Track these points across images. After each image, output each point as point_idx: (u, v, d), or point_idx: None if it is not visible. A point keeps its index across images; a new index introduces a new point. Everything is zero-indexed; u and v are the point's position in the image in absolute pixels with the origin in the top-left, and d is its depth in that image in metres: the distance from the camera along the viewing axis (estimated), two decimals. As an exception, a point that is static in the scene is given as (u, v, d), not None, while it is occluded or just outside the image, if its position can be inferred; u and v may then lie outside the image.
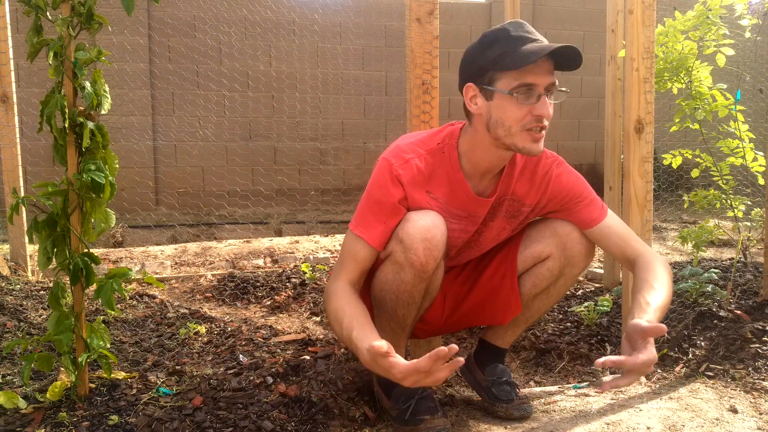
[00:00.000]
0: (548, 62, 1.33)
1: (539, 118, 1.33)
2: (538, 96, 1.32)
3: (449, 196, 1.47)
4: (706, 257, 3.37)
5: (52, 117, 1.46)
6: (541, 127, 1.35)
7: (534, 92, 1.32)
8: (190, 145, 5.87)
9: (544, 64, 1.32)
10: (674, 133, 3.01)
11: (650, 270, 1.43)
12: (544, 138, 1.38)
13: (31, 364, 1.53)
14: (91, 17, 1.49)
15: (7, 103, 2.91)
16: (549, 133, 1.43)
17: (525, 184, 1.52)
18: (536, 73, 1.31)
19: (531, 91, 1.32)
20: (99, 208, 1.54)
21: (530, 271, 1.61)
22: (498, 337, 1.73)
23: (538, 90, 1.32)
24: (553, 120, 1.46)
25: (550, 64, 1.33)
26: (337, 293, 1.38)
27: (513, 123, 1.34)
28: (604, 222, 1.52)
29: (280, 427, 1.49)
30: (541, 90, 1.32)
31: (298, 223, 5.35)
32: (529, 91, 1.32)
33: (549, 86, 1.33)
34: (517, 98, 1.32)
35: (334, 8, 6.10)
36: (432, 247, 1.38)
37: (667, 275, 1.44)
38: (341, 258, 1.46)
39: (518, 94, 1.32)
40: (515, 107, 1.33)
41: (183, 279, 3.18)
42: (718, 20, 2.51)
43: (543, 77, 1.32)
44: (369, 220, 1.42)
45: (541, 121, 1.33)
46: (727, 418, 1.53)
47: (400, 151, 1.46)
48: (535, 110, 1.33)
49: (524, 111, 1.33)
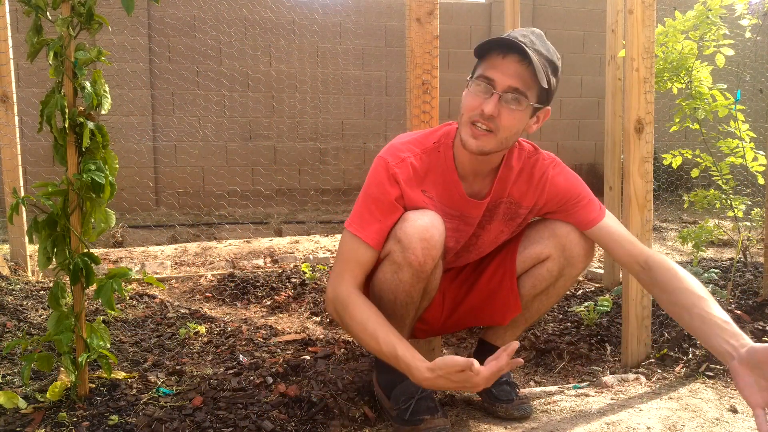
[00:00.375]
0: (520, 66, 1.30)
1: (482, 113, 1.32)
2: (491, 93, 1.32)
3: (443, 195, 1.47)
4: (706, 257, 3.37)
5: (52, 117, 1.46)
6: (486, 127, 1.33)
7: (490, 88, 1.32)
8: (190, 145, 5.87)
9: (513, 64, 1.30)
10: (674, 133, 3.01)
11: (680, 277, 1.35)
12: (488, 139, 1.35)
13: (31, 364, 1.53)
14: (91, 17, 1.49)
15: (7, 103, 2.91)
16: (549, 133, 1.43)
17: (522, 186, 1.51)
18: (498, 71, 1.31)
19: (489, 85, 1.32)
20: (99, 208, 1.54)
21: (529, 272, 1.60)
22: (497, 338, 1.73)
23: (495, 87, 1.32)
24: (553, 120, 1.46)
25: (522, 70, 1.31)
26: (353, 302, 1.37)
27: (464, 111, 1.37)
28: (602, 222, 1.52)
29: (280, 427, 1.49)
30: (498, 88, 1.32)
31: (298, 223, 5.35)
32: (486, 84, 1.33)
33: (512, 89, 1.31)
34: (472, 88, 1.35)
35: (334, 8, 6.10)
36: (430, 247, 1.37)
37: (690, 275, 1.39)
38: (341, 259, 1.45)
39: (475, 84, 1.34)
40: (469, 97, 1.36)
41: (183, 279, 3.18)
42: (718, 20, 2.51)
43: (504, 77, 1.31)
44: (365, 218, 1.42)
45: (483, 116, 1.32)
46: (727, 418, 1.53)
47: (396, 149, 1.46)
48: (482, 104, 1.33)
49: (475, 102, 1.34)
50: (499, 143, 1.37)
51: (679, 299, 1.33)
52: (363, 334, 1.35)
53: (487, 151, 1.37)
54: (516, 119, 1.34)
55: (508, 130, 1.35)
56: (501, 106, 1.32)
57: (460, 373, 1.22)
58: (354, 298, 1.38)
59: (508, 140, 1.38)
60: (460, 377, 1.22)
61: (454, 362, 1.21)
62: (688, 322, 1.30)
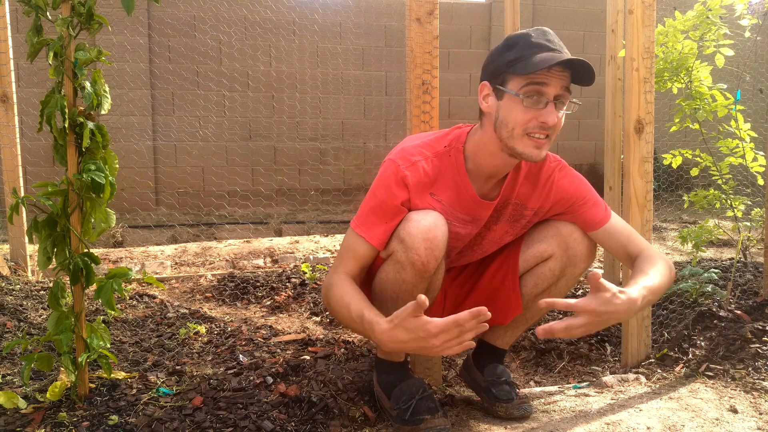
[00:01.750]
0: (563, 72, 1.32)
1: (543, 124, 1.33)
2: (546, 102, 1.32)
3: (454, 199, 1.47)
4: (706, 257, 3.37)
5: (52, 117, 1.46)
6: (545, 135, 1.35)
7: (542, 98, 1.32)
8: (190, 145, 5.87)
9: (558, 73, 1.32)
10: (674, 133, 3.01)
11: (649, 262, 1.44)
12: (547, 146, 1.38)
13: (31, 364, 1.53)
14: (91, 17, 1.49)
15: (7, 103, 2.91)
16: (549, 133, 1.42)
17: (528, 188, 1.52)
18: (547, 80, 1.31)
19: (539, 96, 1.32)
20: (99, 208, 1.54)
21: (532, 271, 1.61)
22: (497, 338, 1.73)
23: (546, 96, 1.32)
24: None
25: (564, 75, 1.33)
26: (338, 283, 1.39)
27: (516, 125, 1.35)
28: (609, 223, 1.53)
29: (280, 427, 1.49)
30: (550, 97, 1.32)
31: (298, 223, 5.35)
32: (537, 95, 1.32)
33: (559, 95, 1.33)
34: (524, 101, 1.33)
35: (334, 8, 6.10)
36: (433, 247, 1.38)
37: (666, 267, 1.43)
38: (340, 254, 1.46)
39: (525, 97, 1.32)
40: (521, 110, 1.34)
41: (183, 279, 3.18)
42: (718, 20, 2.51)
43: (554, 85, 1.32)
44: (371, 220, 1.42)
45: (546, 127, 1.33)
46: (727, 418, 1.53)
47: (407, 153, 1.46)
48: (540, 116, 1.32)
49: (529, 115, 1.33)
50: (551, 144, 1.40)
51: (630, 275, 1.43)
52: (339, 306, 1.36)
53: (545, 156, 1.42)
54: (563, 118, 1.38)
55: (559, 130, 1.38)
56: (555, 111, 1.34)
57: (413, 319, 1.17)
58: (340, 280, 1.40)
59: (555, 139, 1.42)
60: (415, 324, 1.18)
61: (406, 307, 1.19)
62: None
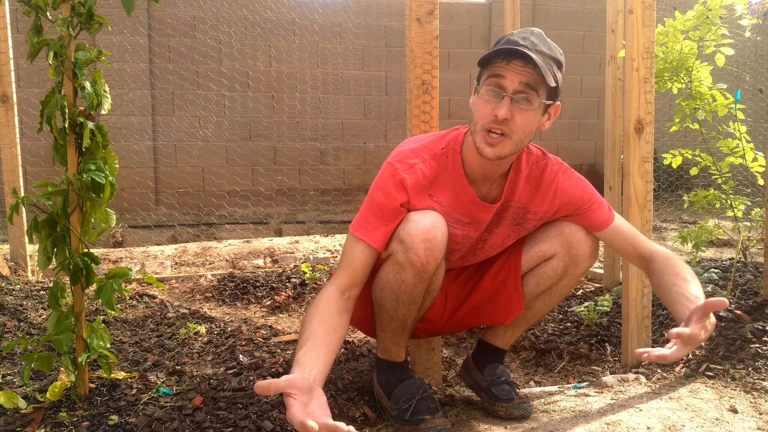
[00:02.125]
0: (524, 68, 1.31)
1: (495, 117, 1.32)
2: (502, 96, 1.32)
3: (453, 201, 1.47)
4: (706, 257, 3.37)
5: (52, 117, 1.46)
6: (500, 131, 1.33)
7: (500, 92, 1.32)
8: (190, 145, 5.87)
9: (518, 68, 1.31)
10: (674, 133, 3.01)
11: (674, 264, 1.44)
12: (504, 145, 1.35)
13: (31, 364, 1.53)
14: (91, 17, 1.49)
15: (7, 103, 2.91)
16: (549, 133, 1.42)
17: (530, 191, 1.52)
18: (504, 74, 1.31)
19: (498, 89, 1.32)
20: (99, 208, 1.54)
21: (534, 271, 1.61)
22: (498, 338, 1.73)
23: (505, 91, 1.32)
24: (554, 120, 1.46)
25: (527, 71, 1.31)
26: (316, 303, 1.34)
27: (478, 119, 1.36)
28: (614, 223, 1.53)
29: (280, 427, 1.49)
30: (507, 91, 1.32)
31: (298, 223, 5.35)
32: (496, 88, 1.32)
33: (520, 90, 1.32)
34: (482, 94, 1.34)
35: (334, 8, 6.10)
36: (433, 247, 1.38)
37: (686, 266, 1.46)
38: (341, 261, 1.45)
39: (485, 91, 1.34)
40: (481, 103, 1.35)
41: (183, 279, 3.18)
42: (717, 20, 2.51)
43: (512, 79, 1.31)
44: (371, 223, 1.42)
45: (497, 121, 1.32)
46: (727, 418, 1.53)
47: (405, 155, 1.46)
48: (494, 109, 1.32)
49: (487, 108, 1.34)
50: (515, 145, 1.37)
51: (665, 279, 1.42)
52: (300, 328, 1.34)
53: (503, 156, 1.37)
54: (529, 119, 1.34)
55: (522, 131, 1.35)
56: (513, 108, 1.32)
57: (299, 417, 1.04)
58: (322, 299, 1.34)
59: (522, 141, 1.38)
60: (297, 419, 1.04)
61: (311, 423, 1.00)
62: (666, 298, 1.39)
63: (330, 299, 1.35)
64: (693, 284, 1.38)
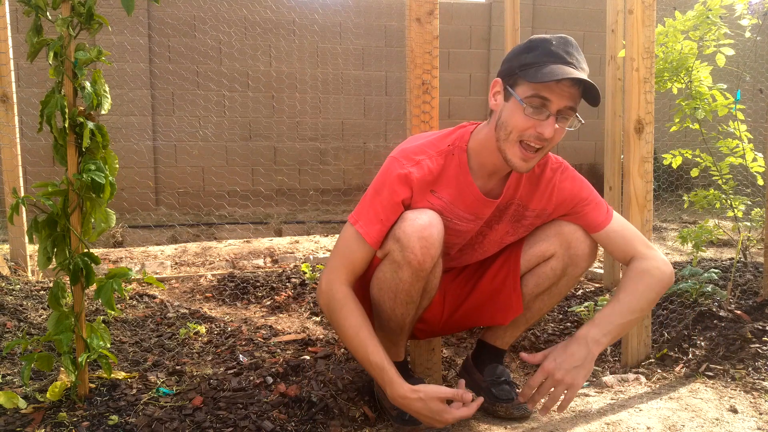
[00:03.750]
0: (571, 88, 1.31)
1: (540, 135, 1.32)
2: (547, 115, 1.32)
3: (455, 197, 1.47)
4: (706, 257, 3.37)
5: (52, 117, 1.46)
6: (538, 147, 1.35)
7: (545, 110, 1.32)
8: (190, 145, 5.87)
9: (566, 88, 1.31)
10: (674, 133, 3.01)
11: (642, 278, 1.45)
12: (536, 159, 1.37)
13: (31, 364, 1.53)
14: (91, 17, 1.49)
15: (7, 103, 2.91)
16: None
17: (530, 189, 1.52)
18: (554, 93, 1.30)
19: (543, 107, 1.32)
20: (99, 208, 1.54)
21: (533, 271, 1.61)
22: (497, 338, 1.73)
23: (549, 109, 1.31)
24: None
25: (573, 91, 1.31)
26: (350, 308, 1.40)
27: (513, 130, 1.35)
28: (609, 226, 1.52)
29: (280, 427, 1.49)
30: (552, 110, 1.31)
31: (298, 223, 5.35)
32: (541, 106, 1.31)
33: (563, 109, 1.32)
34: (525, 109, 1.32)
35: (334, 8, 6.10)
36: (429, 246, 1.38)
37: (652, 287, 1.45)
38: (339, 253, 1.45)
39: (529, 105, 1.32)
40: (522, 116, 1.33)
41: (183, 279, 3.18)
42: (718, 20, 2.51)
43: (560, 99, 1.31)
44: (370, 217, 1.42)
45: (542, 138, 1.33)
46: (727, 418, 1.53)
47: (410, 151, 1.46)
48: (538, 126, 1.32)
49: (528, 123, 1.33)
50: (544, 155, 1.40)
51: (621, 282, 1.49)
52: (354, 339, 1.39)
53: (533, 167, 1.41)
54: (563, 133, 1.36)
55: (555, 143, 1.37)
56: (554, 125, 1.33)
57: (439, 403, 1.30)
58: (349, 301, 1.40)
59: (550, 151, 1.42)
60: (438, 407, 1.31)
61: (442, 391, 1.32)
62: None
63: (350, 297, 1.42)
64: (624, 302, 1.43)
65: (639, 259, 1.48)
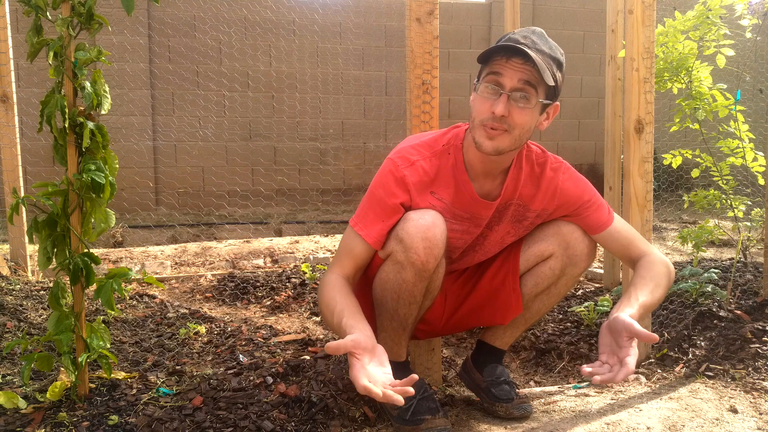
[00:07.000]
0: (523, 65, 1.32)
1: (492, 114, 1.33)
2: (500, 93, 1.33)
3: (454, 197, 1.47)
4: (706, 257, 3.37)
5: (52, 117, 1.46)
6: (494, 126, 1.34)
7: (498, 89, 1.33)
8: (190, 145, 5.86)
9: (517, 66, 1.32)
10: (674, 133, 3.01)
11: (650, 268, 1.46)
12: (503, 139, 1.36)
13: (31, 364, 1.53)
14: (91, 17, 1.49)
15: (7, 103, 2.91)
16: (549, 133, 1.43)
17: (531, 189, 1.52)
18: (503, 71, 1.33)
19: (495, 87, 1.34)
20: (99, 208, 1.54)
21: (532, 271, 1.61)
22: (497, 338, 1.73)
23: (503, 88, 1.33)
24: (553, 120, 1.46)
25: (526, 68, 1.32)
26: (330, 283, 1.40)
27: (475, 115, 1.38)
28: (612, 227, 1.53)
29: (280, 427, 1.49)
30: (505, 89, 1.33)
31: (298, 223, 5.35)
32: (494, 87, 1.34)
33: (518, 88, 1.33)
34: (482, 92, 1.36)
35: (334, 8, 6.10)
36: (432, 246, 1.38)
37: (666, 276, 1.45)
38: (338, 252, 1.48)
39: (483, 87, 1.35)
40: (480, 100, 1.37)
41: (183, 279, 3.18)
42: (718, 20, 2.51)
43: (510, 77, 1.32)
44: (370, 218, 1.43)
45: (494, 118, 1.33)
46: (727, 418, 1.53)
47: (406, 152, 1.46)
48: (492, 106, 1.33)
49: (485, 105, 1.35)
50: (514, 141, 1.38)
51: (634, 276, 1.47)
52: (325, 309, 1.36)
53: (502, 150, 1.38)
54: (527, 117, 1.35)
55: (521, 128, 1.36)
56: (511, 105, 1.33)
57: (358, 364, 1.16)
58: (333, 281, 1.40)
59: (521, 138, 1.39)
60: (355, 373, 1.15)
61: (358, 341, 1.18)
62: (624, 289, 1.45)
63: (339, 281, 1.39)
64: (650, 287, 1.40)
65: (646, 255, 1.50)
